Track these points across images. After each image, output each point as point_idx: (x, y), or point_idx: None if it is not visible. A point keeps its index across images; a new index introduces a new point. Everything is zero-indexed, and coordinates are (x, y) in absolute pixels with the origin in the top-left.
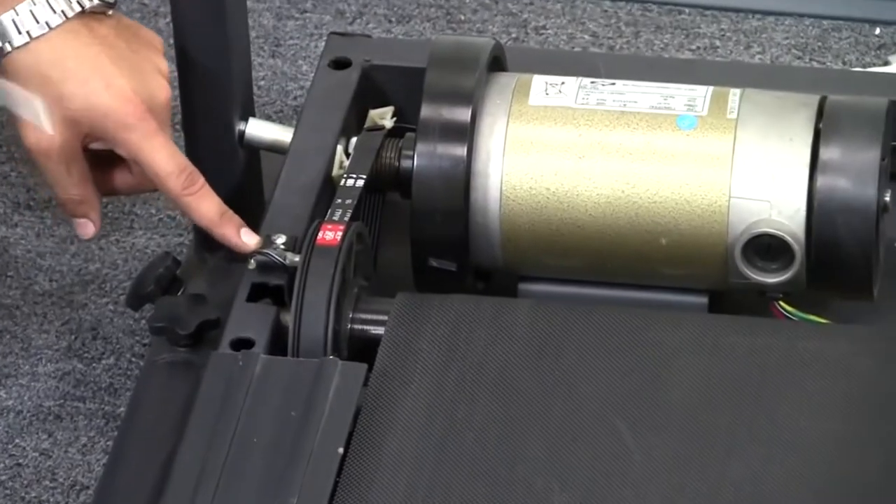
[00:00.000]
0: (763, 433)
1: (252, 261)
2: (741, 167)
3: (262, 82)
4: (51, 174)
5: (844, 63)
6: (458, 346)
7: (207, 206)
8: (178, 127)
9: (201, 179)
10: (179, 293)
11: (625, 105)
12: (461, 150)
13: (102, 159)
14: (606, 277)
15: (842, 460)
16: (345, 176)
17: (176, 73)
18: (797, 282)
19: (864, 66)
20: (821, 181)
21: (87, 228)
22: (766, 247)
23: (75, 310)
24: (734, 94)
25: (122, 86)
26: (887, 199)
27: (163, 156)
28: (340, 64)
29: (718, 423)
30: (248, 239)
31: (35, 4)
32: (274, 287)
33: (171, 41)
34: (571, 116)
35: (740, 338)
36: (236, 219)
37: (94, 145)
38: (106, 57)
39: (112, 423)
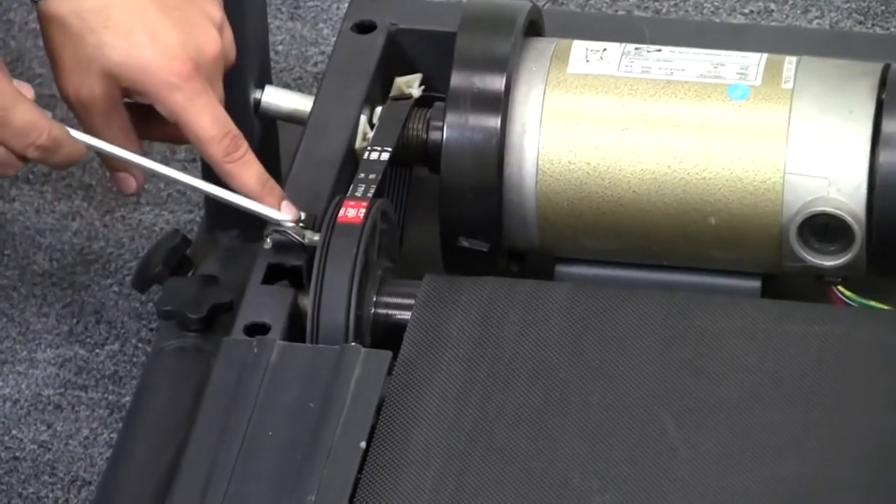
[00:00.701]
0: (819, 429)
1: (268, 239)
2: (797, 141)
3: (279, 47)
4: (90, 127)
5: None
6: (489, 333)
7: (250, 175)
8: None
9: (245, 145)
10: (189, 274)
11: (672, 73)
12: (494, 122)
13: (144, 107)
14: (650, 259)
15: None
16: (368, 148)
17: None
18: (857, 265)
19: None
20: (883, 156)
21: (129, 183)
22: (823, 227)
23: (77, 291)
24: (790, 61)
25: (168, 40)
26: None
27: (206, 119)
28: (364, 27)
29: (771, 418)
30: (289, 210)
31: None
32: (291, 268)
33: None
34: (614, 85)
35: (795, 325)
36: (278, 189)
37: (137, 98)
38: (154, 6)
39: (116, 413)
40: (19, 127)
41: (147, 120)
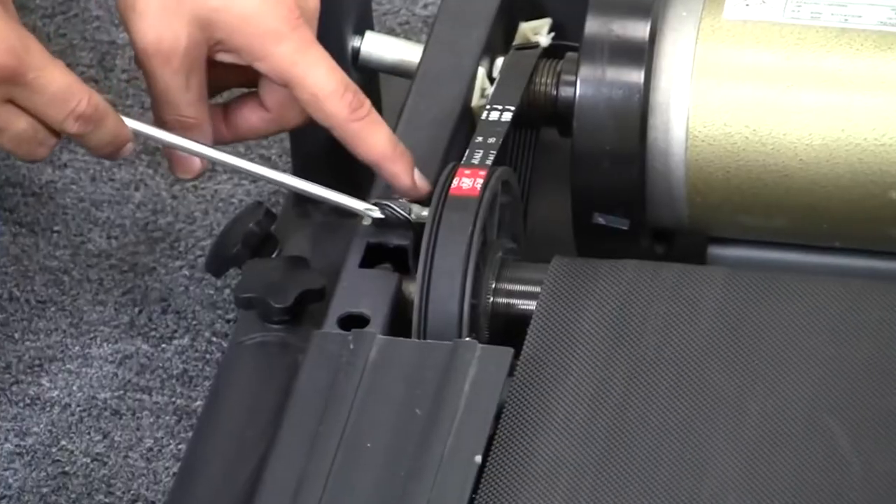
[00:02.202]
0: None
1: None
2: None
3: None
4: (164, 86)
5: None
6: (630, 327)
7: (381, 135)
8: None
9: (367, 101)
10: (274, 255)
11: (846, 20)
12: (637, 77)
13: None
14: (820, 240)
15: None
16: (487, 107)
17: None
18: None
19: None
20: None
21: (192, 164)
22: None
23: (140, 275)
24: None
25: None
26: None
27: (322, 72)
28: None
29: None
30: (420, 180)
31: None
32: (395, 249)
33: None
34: (778, 34)
35: None
36: (409, 154)
37: (222, 57)
38: None
39: (186, 420)
40: (56, 92)
41: (225, 116)
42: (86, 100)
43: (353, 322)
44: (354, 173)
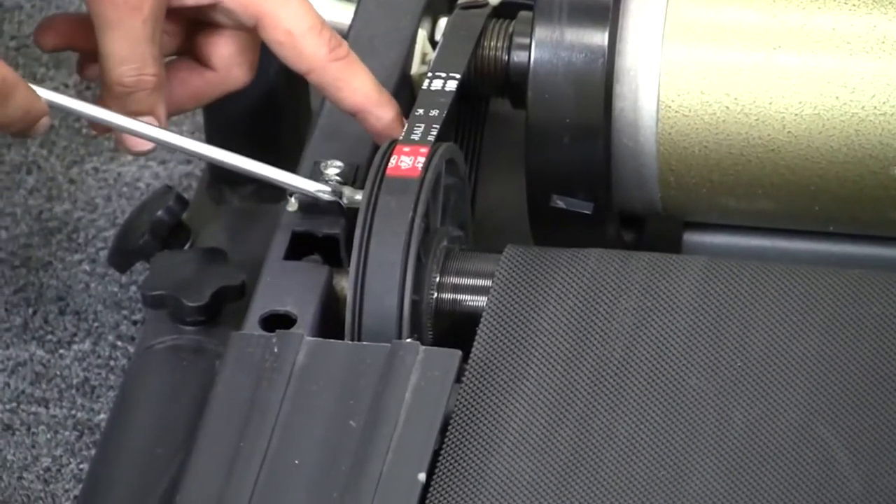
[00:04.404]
0: None
1: (292, 199)
2: None
3: None
4: (132, 38)
5: None
6: (595, 325)
7: (365, 77)
8: None
9: (345, 42)
10: (186, 247)
11: None
12: (600, 38)
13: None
14: (812, 225)
15: None
16: (429, 75)
17: None
18: None
19: None
20: None
21: (136, 140)
22: None
23: (33, 271)
24: None
25: None
26: None
27: (295, 6)
28: None
29: None
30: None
31: None
32: (324, 238)
33: None
34: None
35: None
36: (393, 100)
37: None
38: None
39: (88, 436)
40: None
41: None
42: None
43: (277, 322)
44: (276, 147)
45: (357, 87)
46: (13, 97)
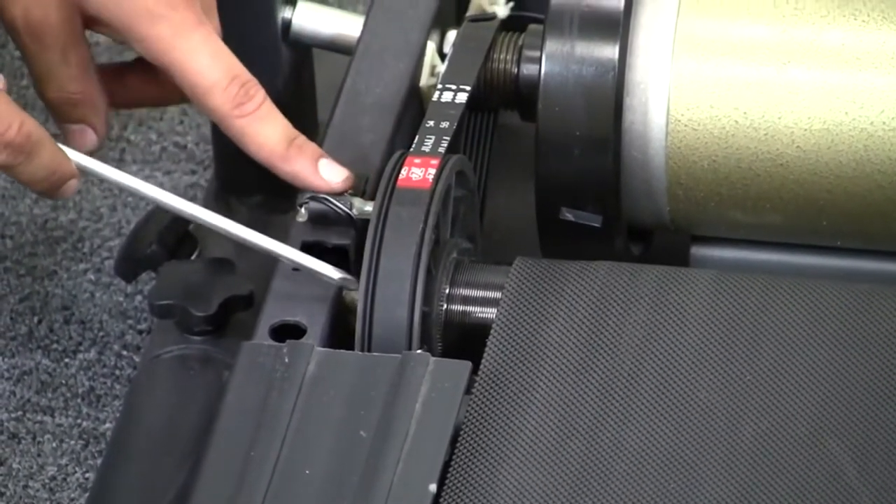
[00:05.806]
0: None
1: (302, 209)
2: None
3: None
4: (41, 63)
5: None
6: (604, 337)
7: (270, 131)
8: None
9: (260, 91)
10: (193, 256)
11: None
12: (610, 52)
13: (115, 68)
14: (820, 240)
15: None
16: (439, 87)
17: None
18: None
19: None
20: None
21: (86, 138)
22: None
23: (39, 280)
24: None
25: None
26: None
27: (203, 58)
28: None
29: None
30: (331, 174)
31: None
32: (334, 248)
33: None
34: (772, 4)
35: None
36: (311, 147)
37: (102, 31)
38: None
39: (93, 445)
40: None
41: (121, 79)
42: (16, 126)
43: (287, 332)
44: None
45: (262, 143)
46: (38, 155)
